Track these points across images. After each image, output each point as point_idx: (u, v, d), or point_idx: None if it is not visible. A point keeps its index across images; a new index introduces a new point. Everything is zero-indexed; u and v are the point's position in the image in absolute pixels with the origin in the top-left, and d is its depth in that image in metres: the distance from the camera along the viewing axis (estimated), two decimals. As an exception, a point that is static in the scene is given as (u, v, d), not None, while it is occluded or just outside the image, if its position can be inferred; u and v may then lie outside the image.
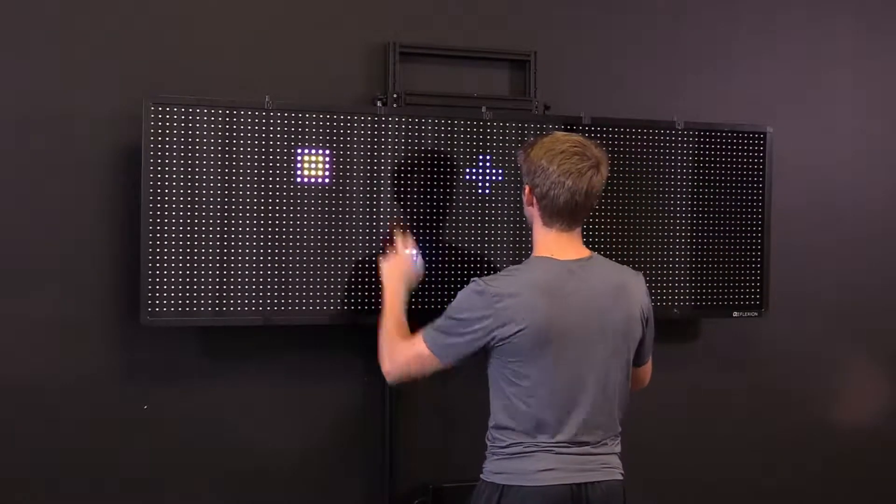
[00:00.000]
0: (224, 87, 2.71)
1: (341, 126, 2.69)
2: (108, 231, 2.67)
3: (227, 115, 2.60)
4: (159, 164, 2.54)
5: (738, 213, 3.06)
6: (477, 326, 2.20)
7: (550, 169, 2.23)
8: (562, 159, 2.22)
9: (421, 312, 2.60)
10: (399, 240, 2.61)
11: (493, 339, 2.20)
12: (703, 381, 3.26)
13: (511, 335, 2.19)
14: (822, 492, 3.43)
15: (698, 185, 3.02)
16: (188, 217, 2.57)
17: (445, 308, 2.29)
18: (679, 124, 3.00)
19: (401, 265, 2.55)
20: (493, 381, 2.28)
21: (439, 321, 2.28)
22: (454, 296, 2.29)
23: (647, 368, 2.49)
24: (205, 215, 2.59)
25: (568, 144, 2.25)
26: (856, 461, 3.46)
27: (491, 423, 2.30)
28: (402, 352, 2.32)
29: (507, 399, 2.25)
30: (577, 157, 2.23)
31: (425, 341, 2.27)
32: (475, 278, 2.26)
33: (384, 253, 2.62)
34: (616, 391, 2.28)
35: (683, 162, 3.00)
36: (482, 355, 2.26)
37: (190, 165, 2.57)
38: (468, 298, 2.24)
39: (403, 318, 2.42)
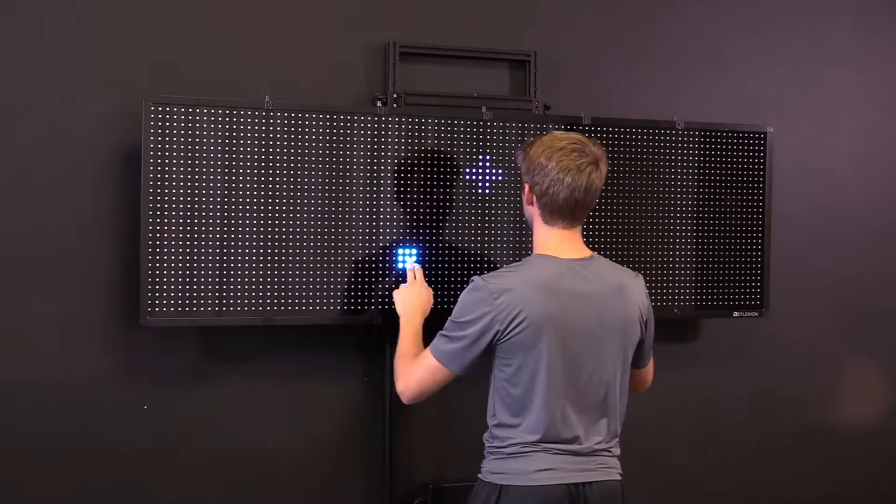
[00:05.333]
0: (224, 87, 2.71)
1: (341, 126, 2.69)
2: (108, 231, 2.67)
3: (228, 115, 2.60)
4: (159, 164, 2.55)
5: (738, 212, 3.06)
6: (479, 324, 2.20)
7: (549, 166, 2.23)
8: (560, 156, 2.22)
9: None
10: (410, 271, 2.62)
11: (495, 335, 2.20)
12: (703, 381, 3.26)
13: (511, 330, 2.19)
14: (822, 492, 3.43)
15: (698, 185, 3.02)
16: (188, 217, 2.57)
17: (445, 307, 2.29)
18: (679, 124, 3.00)
19: (414, 295, 2.55)
20: (493, 380, 2.28)
21: (444, 328, 2.28)
22: (455, 295, 2.29)
23: (649, 370, 2.48)
24: (205, 215, 2.59)
25: (566, 142, 2.25)
26: (856, 461, 3.46)
27: (490, 423, 2.30)
28: (414, 370, 2.32)
29: (505, 398, 2.25)
30: (575, 153, 2.23)
31: (433, 352, 2.27)
32: (474, 277, 2.26)
33: (396, 286, 2.62)
34: (614, 392, 2.28)
35: (683, 162, 3.00)
36: (487, 358, 2.26)
37: (190, 165, 2.57)
38: (468, 297, 2.24)
39: (419, 343, 2.43)
